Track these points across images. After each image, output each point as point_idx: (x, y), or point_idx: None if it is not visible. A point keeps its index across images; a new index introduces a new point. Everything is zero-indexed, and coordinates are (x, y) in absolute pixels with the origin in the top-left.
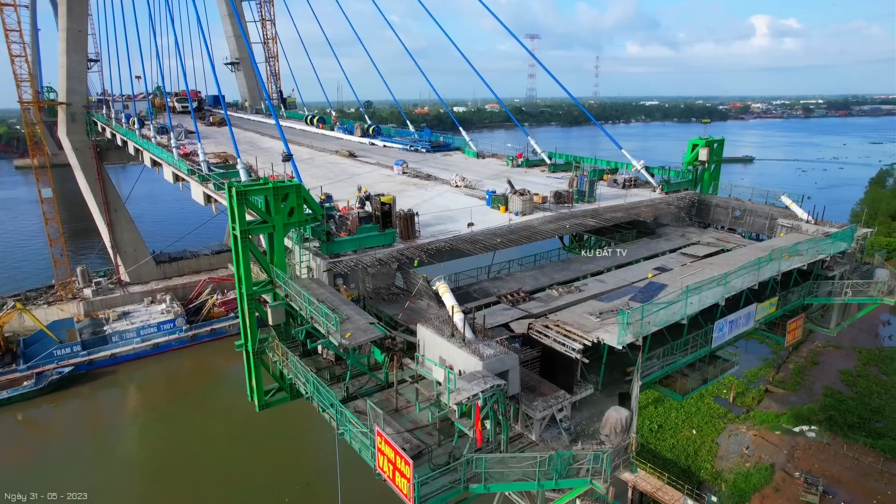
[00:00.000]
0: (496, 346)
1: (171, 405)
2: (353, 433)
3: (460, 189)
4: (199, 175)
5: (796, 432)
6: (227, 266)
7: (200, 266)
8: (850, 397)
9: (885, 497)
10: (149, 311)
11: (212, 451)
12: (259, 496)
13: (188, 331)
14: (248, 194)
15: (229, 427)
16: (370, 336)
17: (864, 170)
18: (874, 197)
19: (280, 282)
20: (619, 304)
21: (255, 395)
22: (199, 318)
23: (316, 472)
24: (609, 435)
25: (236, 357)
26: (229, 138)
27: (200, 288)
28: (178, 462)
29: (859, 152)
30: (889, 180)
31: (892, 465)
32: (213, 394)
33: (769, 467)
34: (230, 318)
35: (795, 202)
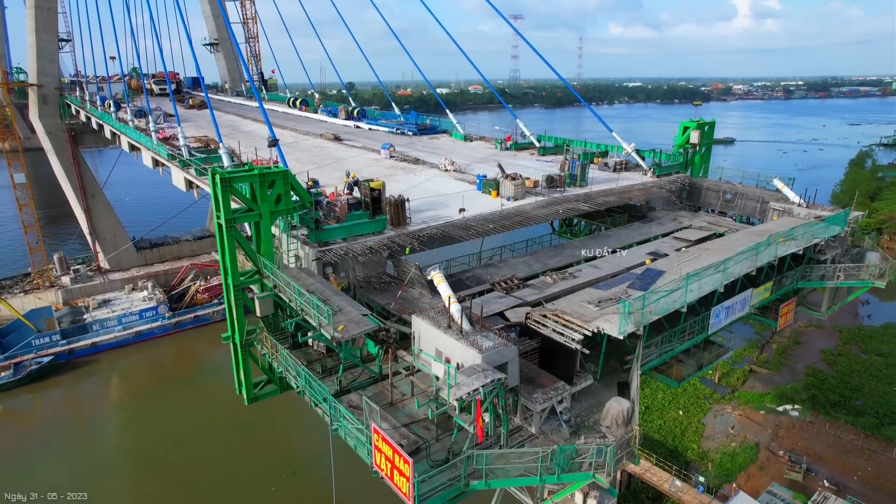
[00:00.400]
0: (495, 338)
1: (156, 394)
2: (347, 429)
3: (449, 173)
4: (179, 160)
5: (780, 411)
6: (209, 252)
7: (182, 252)
8: (831, 376)
9: (866, 473)
10: (130, 298)
11: (197, 440)
12: (246, 485)
13: (171, 318)
14: (233, 181)
15: (215, 415)
16: (364, 329)
17: (843, 151)
18: (854, 178)
19: (268, 272)
20: (617, 291)
21: (243, 388)
22: (182, 304)
23: (303, 460)
24: (610, 427)
25: (221, 344)
26: (210, 122)
27: (183, 274)
28: (162, 452)
29: (838, 134)
30: (868, 162)
31: (871, 441)
32: (197, 382)
33: (754, 446)
34: (214, 304)
35: (787, 185)
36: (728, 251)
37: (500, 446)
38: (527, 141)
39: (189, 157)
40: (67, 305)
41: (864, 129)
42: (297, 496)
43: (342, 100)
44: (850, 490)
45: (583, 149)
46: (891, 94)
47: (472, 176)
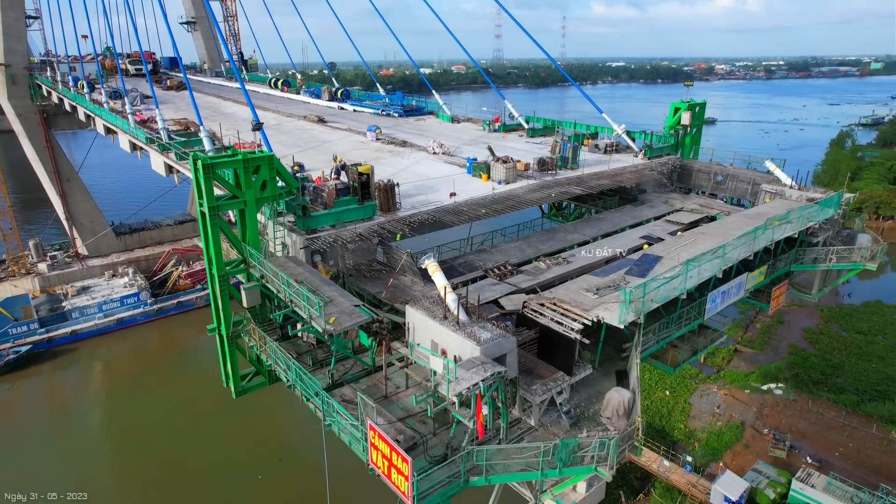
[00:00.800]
0: (493, 329)
1: (139, 382)
2: (341, 425)
3: (438, 156)
4: (158, 144)
5: (764, 390)
6: (191, 236)
7: (163, 237)
8: (813, 354)
9: (847, 449)
10: (110, 284)
11: (182, 428)
12: (232, 474)
13: (153, 304)
14: (216, 167)
15: (200, 403)
16: (356, 321)
17: (823, 131)
18: (835, 158)
19: (254, 262)
20: (615, 278)
21: (230, 381)
22: (165, 290)
23: (288, 448)
24: (611, 417)
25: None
26: (189, 103)
27: (164, 259)
28: (146, 440)
29: (818, 113)
30: (847, 142)
31: (852, 418)
32: (182, 369)
33: (739, 425)
34: (197, 290)
35: (779, 167)
36: (724, 235)
37: (500, 440)
38: (515, 122)
39: (168, 140)
40: (45, 293)
41: (843, 109)
42: (283, 484)
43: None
44: (831, 466)
45: (573, 130)
46: (869, 74)
47: (462, 159)
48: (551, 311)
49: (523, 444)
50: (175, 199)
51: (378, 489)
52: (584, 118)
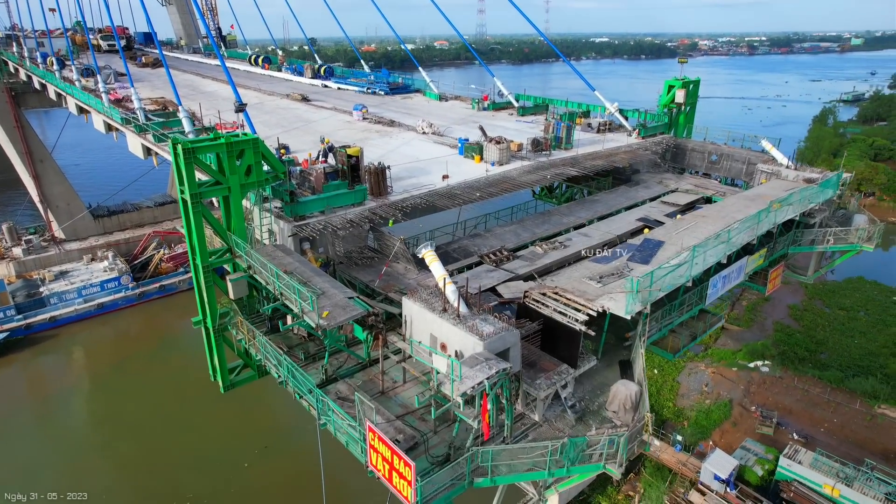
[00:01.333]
0: (495, 322)
1: (122, 368)
2: (338, 424)
3: (428, 136)
4: (135, 125)
5: (751, 368)
6: (172, 218)
7: (143, 219)
8: (797, 331)
9: (832, 424)
10: (89, 269)
11: (165, 415)
12: (217, 462)
13: (135, 288)
14: (198, 152)
15: (184, 389)
16: (351, 314)
17: (806, 107)
18: (818, 135)
19: (240, 251)
20: (617, 265)
21: (218, 374)
22: (146, 274)
23: (274, 435)
24: (617, 412)
25: (189, 314)
26: (166, 81)
27: (145, 242)
28: (129, 428)
29: (800, 90)
30: (830, 118)
31: (836, 394)
32: (166, 354)
33: (727, 403)
34: (180, 273)
35: (775, 146)
36: (725, 218)
37: (505, 438)
38: (505, 100)
39: (145, 121)
40: (21, 278)
41: (824, 86)
42: (270, 472)
43: (304, 57)
44: (817, 441)
45: (564, 108)
46: (849, 50)
47: (453, 139)
48: (554, 302)
49: (530, 443)
50: (155, 179)
51: (373, 483)
52: (569, 94)
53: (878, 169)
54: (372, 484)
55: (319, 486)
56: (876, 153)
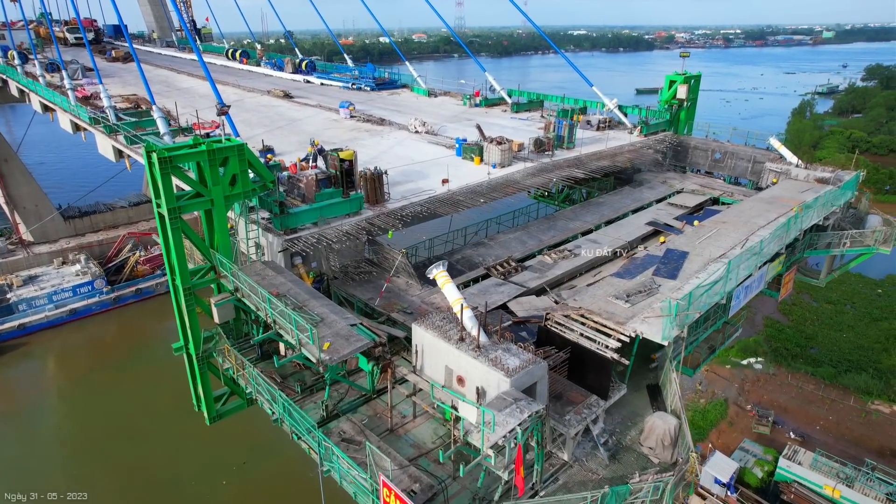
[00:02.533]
0: (520, 353)
1: (96, 377)
2: (344, 472)
3: (421, 135)
4: (105, 125)
5: (744, 365)
6: (148, 219)
7: (117, 220)
8: (787, 326)
9: (827, 422)
10: (60, 273)
11: (141, 427)
12: (194, 478)
13: (110, 293)
14: (176, 160)
15: (161, 398)
16: (356, 347)
17: (782, 100)
18: (798, 128)
19: (226, 272)
20: (644, 281)
21: (203, 405)
22: (122, 277)
23: (252, 450)
24: (654, 448)
25: (167, 318)
26: (138, 77)
27: (120, 244)
28: (103, 441)
29: (776, 82)
30: (808, 111)
31: (830, 390)
32: (143, 361)
33: (723, 402)
34: (157, 276)
35: (784, 144)
36: (747, 224)
37: (534, 485)
38: (497, 96)
39: (116, 121)
40: None
41: (798, 78)
42: (249, 489)
43: (282, 50)
44: (813, 440)
45: (561, 105)
46: (821, 43)
47: (448, 139)
48: (580, 325)
49: (567, 495)
50: (128, 178)
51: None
52: (548, 88)
53: (859, 161)
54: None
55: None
56: (854, 145)
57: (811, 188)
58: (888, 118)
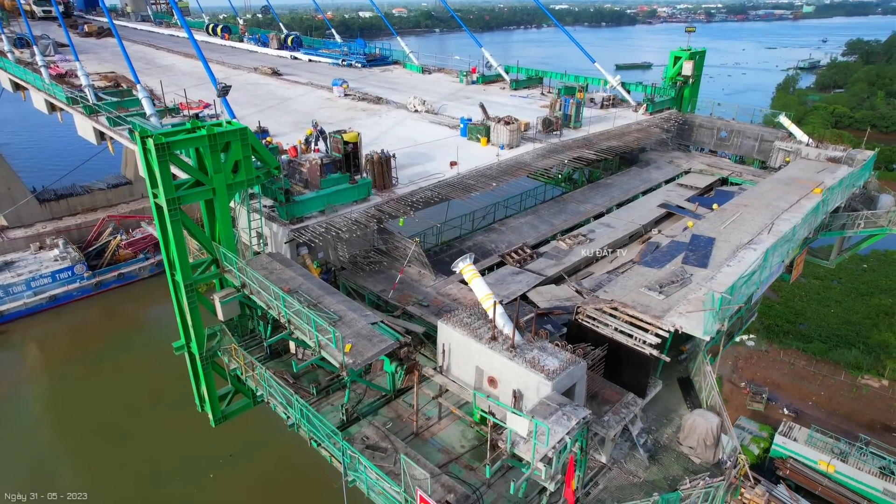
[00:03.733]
0: (558, 353)
1: (78, 366)
2: (372, 483)
3: (421, 115)
4: (84, 105)
5: (737, 342)
6: (128, 201)
7: (96, 202)
8: (777, 302)
9: (819, 397)
10: (38, 258)
11: (122, 419)
12: (180, 471)
13: (91, 278)
14: (174, 146)
15: (145, 387)
16: (380, 349)
17: (764, 75)
18: (783, 103)
19: (230, 266)
20: (674, 270)
21: (206, 405)
22: (103, 262)
23: (238, 441)
24: (695, 447)
25: (152, 303)
26: (115, 53)
27: (99, 228)
28: (85, 433)
29: (757, 58)
30: (792, 87)
31: (821, 366)
32: (127, 348)
33: (718, 379)
34: (140, 260)
35: (793, 122)
36: (769, 207)
37: (576, 493)
38: (494, 73)
39: (96, 100)
40: None
41: (780, 53)
42: (237, 482)
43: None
44: (806, 415)
45: (563, 82)
46: (801, 18)
47: (449, 118)
48: (614, 319)
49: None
50: (106, 159)
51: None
52: (531, 64)
53: (843, 137)
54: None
55: (293, 499)
56: (837, 121)
57: (826, 168)
58: (869, 93)
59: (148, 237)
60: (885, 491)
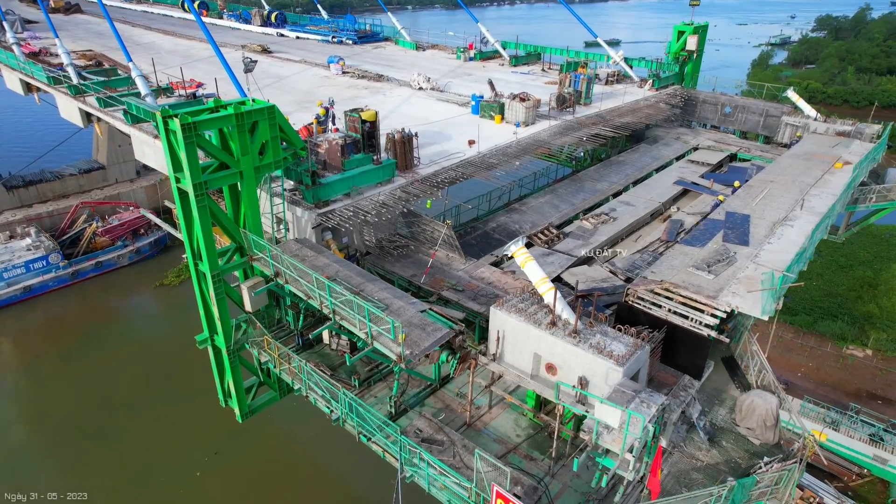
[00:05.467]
0: (621, 337)
1: (55, 360)
2: (433, 478)
3: (426, 92)
4: (69, 86)
5: None
6: (101, 187)
7: (67, 189)
8: None
9: (808, 368)
10: (9, 248)
11: (104, 414)
12: (164, 471)
13: (67, 267)
14: (200, 127)
15: (126, 380)
16: (436, 339)
17: (737, 51)
18: (760, 79)
19: (261, 254)
20: (717, 249)
21: (233, 401)
22: (79, 250)
23: (223, 438)
24: (754, 429)
25: (133, 292)
26: (88, 31)
27: (73, 215)
28: (65, 430)
29: (728, 34)
30: (766, 63)
31: (808, 338)
32: (106, 340)
33: None
34: (118, 247)
35: (801, 97)
36: (795, 182)
37: (642, 480)
38: (491, 49)
39: (80, 80)
40: None
41: (751, 29)
42: (224, 480)
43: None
44: (796, 386)
45: (562, 58)
46: None
47: (456, 95)
48: (667, 301)
49: (695, 493)
50: (76, 142)
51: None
52: (504, 38)
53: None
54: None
55: (286, 498)
56: (810, 96)
57: (839, 143)
58: (840, 69)
59: (126, 223)
60: (875, 457)
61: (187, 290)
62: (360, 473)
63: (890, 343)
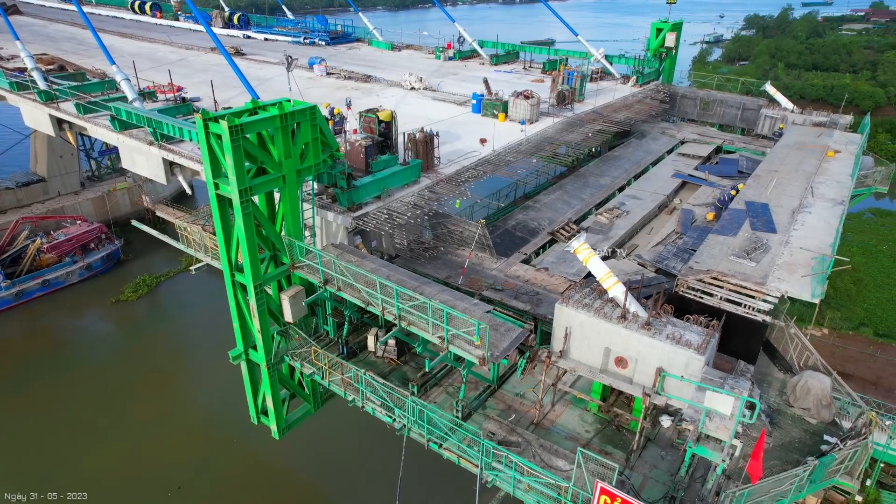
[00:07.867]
0: (689, 326)
1: (3, 388)
2: (518, 480)
3: (420, 92)
4: (38, 91)
5: None
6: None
7: (4, 203)
8: None
9: None
10: None
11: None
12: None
13: (10, 287)
14: (246, 129)
15: (83, 403)
16: (514, 339)
17: None
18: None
19: (307, 260)
20: (749, 237)
21: (271, 417)
22: (21, 269)
23: (186, 470)
24: (810, 409)
25: (84, 311)
26: (34, 33)
27: (13, 231)
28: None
29: None
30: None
31: None
32: (58, 363)
33: None
34: (66, 263)
35: (779, 91)
36: (798, 171)
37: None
38: (469, 48)
39: (48, 86)
40: None
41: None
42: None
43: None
44: None
45: (548, 56)
46: None
47: (451, 94)
48: (718, 289)
49: (783, 474)
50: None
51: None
52: (443, 40)
53: None
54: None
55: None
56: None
57: (823, 132)
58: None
59: (73, 239)
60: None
61: (145, 305)
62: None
63: (843, 321)
